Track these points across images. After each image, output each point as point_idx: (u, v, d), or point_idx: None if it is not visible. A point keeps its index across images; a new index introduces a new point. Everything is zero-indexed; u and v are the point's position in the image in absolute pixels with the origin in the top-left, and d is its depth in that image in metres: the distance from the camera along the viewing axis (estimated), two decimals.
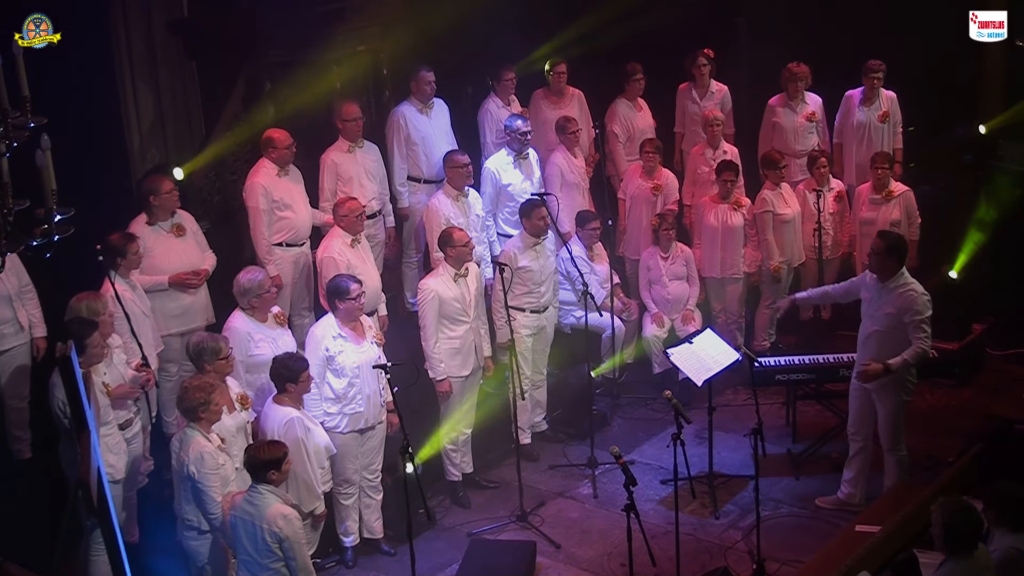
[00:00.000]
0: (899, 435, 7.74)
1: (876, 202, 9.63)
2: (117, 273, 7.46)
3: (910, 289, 7.43)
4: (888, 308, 7.47)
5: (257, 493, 6.18)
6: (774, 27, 11.13)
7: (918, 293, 7.41)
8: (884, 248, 7.48)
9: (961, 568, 5.56)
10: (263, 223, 8.48)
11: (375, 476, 7.75)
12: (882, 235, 7.76)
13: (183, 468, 6.47)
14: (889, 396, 7.62)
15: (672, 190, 9.98)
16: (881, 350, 7.49)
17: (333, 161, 8.94)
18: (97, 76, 8.59)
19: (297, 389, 7.00)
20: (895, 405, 7.64)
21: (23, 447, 7.76)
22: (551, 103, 10.27)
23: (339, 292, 7.42)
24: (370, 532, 7.83)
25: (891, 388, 7.58)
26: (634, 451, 8.87)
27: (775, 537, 7.68)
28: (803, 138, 10.30)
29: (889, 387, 7.58)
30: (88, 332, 6.69)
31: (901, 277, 7.48)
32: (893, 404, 7.64)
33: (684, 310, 9.59)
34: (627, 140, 10.37)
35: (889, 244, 7.51)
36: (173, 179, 8.40)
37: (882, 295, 7.51)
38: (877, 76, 10.15)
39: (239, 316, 7.54)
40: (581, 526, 8.08)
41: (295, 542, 6.15)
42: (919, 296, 7.40)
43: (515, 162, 9.40)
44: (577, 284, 8.82)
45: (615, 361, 9.44)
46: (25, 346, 7.69)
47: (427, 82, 9.37)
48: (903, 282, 7.46)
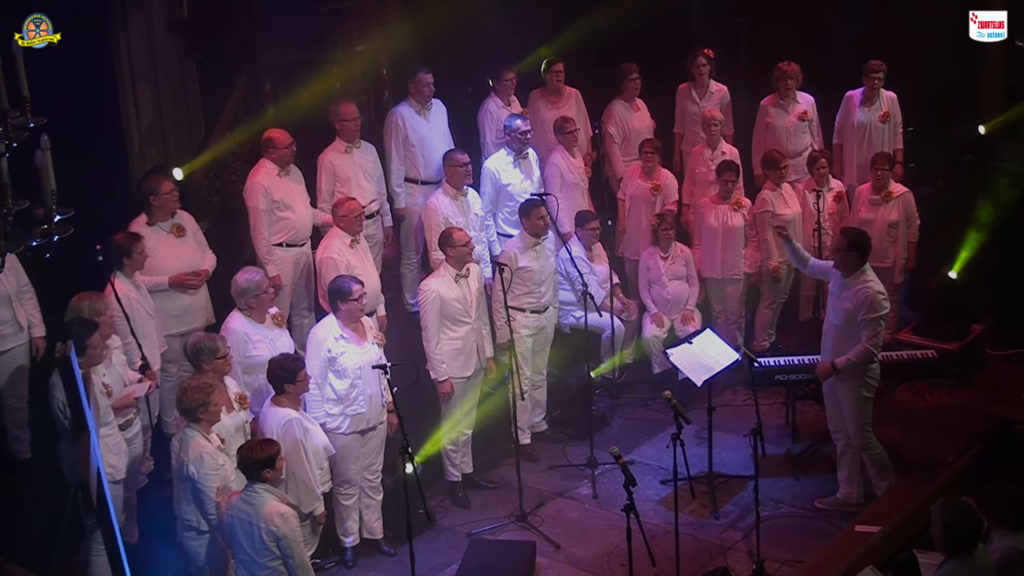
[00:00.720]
0: (865, 433, 7.76)
1: (875, 203, 9.63)
2: (122, 273, 7.46)
3: (867, 286, 7.48)
4: (847, 303, 7.56)
5: (253, 492, 6.18)
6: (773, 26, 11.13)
7: (874, 291, 7.46)
8: (846, 244, 7.59)
9: (961, 568, 5.56)
10: (263, 223, 8.48)
11: (375, 476, 7.75)
12: (844, 231, 7.91)
13: (183, 468, 6.48)
14: (848, 394, 7.69)
15: (671, 190, 9.98)
16: (838, 344, 7.60)
17: (331, 162, 8.94)
18: (97, 76, 8.59)
19: (295, 389, 7.00)
20: (854, 402, 7.69)
21: (22, 447, 7.76)
22: (549, 103, 10.26)
23: (341, 293, 7.42)
24: (370, 532, 7.83)
25: (849, 385, 7.66)
26: (634, 451, 8.87)
27: (775, 537, 7.68)
28: (796, 138, 10.29)
29: (847, 384, 7.66)
30: (88, 333, 6.70)
31: (862, 274, 7.54)
32: (852, 401, 7.70)
33: (684, 310, 9.60)
34: (623, 140, 10.37)
35: (851, 240, 7.61)
36: (173, 179, 8.40)
37: (843, 290, 7.60)
38: (878, 76, 10.15)
39: (237, 317, 7.54)
40: (581, 526, 8.08)
41: (292, 540, 6.15)
42: (875, 294, 7.45)
43: (515, 162, 9.40)
44: (577, 284, 8.82)
45: (615, 361, 9.44)
46: (24, 346, 7.69)
47: (425, 83, 9.37)
48: (863, 279, 7.52)
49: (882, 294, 7.50)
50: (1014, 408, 8.82)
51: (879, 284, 7.56)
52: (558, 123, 9.78)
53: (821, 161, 9.71)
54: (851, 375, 7.60)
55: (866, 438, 7.77)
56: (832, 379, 7.71)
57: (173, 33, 9.15)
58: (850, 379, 7.63)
